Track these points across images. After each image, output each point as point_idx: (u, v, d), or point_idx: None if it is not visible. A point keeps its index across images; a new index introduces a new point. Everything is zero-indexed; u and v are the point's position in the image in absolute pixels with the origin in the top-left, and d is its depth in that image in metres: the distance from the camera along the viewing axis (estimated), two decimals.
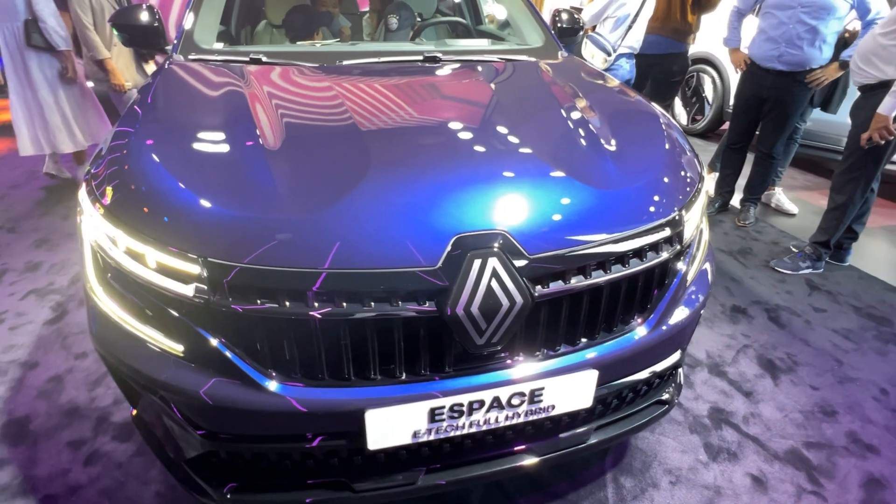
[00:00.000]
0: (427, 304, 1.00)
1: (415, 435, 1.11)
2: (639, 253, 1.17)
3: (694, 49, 4.27)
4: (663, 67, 3.53)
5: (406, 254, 1.00)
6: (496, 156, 1.25)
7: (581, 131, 1.40)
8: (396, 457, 1.18)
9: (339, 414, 1.05)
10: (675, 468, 1.66)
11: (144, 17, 1.98)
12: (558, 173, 1.21)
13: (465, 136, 1.33)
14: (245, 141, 1.23)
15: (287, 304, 0.97)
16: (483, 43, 2.27)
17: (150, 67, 3.80)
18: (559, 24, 2.41)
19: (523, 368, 1.13)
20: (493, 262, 1.01)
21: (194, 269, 0.99)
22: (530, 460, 1.27)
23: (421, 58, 1.89)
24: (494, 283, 1.01)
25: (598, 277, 1.11)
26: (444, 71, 1.83)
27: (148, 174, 1.13)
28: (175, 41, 1.93)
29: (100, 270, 1.18)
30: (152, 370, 1.07)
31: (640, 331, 1.24)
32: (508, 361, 1.13)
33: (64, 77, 3.33)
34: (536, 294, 1.04)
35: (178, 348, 1.06)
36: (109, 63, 3.24)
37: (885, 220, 3.58)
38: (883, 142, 2.40)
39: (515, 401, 1.14)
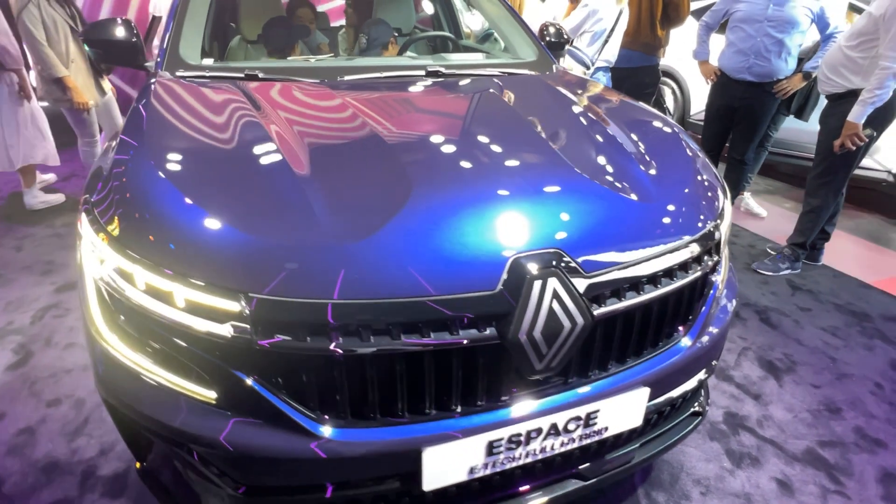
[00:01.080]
0: (488, 331, 0.94)
1: (471, 471, 1.04)
2: (684, 265, 1.15)
3: None
4: (636, 80, 3.63)
5: (464, 278, 0.94)
6: (539, 172, 1.21)
7: (614, 146, 1.38)
8: (446, 495, 1.10)
9: (396, 455, 0.96)
10: (702, 478, 1.65)
11: (121, 31, 1.84)
12: (604, 189, 1.18)
13: (502, 152, 1.28)
14: (273, 165, 1.14)
15: (340, 339, 0.89)
16: (478, 57, 2.25)
17: (106, 84, 3.58)
18: (548, 38, 2.43)
19: (578, 391, 1.08)
20: (553, 283, 0.96)
21: (235, 305, 0.88)
22: (579, 485, 1.22)
23: (423, 72, 1.84)
24: (556, 305, 0.96)
25: (651, 292, 1.08)
26: (458, 86, 1.78)
27: (169, 203, 1.01)
28: (158, 57, 1.80)
29: (107, 310, 1.05)
30: (177, 420, 0.96)
31: (684, 342, 1.22)
32: (563, 385, 1.08)
33: (16, 95, 3.08)
34: (596, 313, 1.00)
35: (210, 395, 0.95)
36: (69, 80, 3.01)
37: (847, 220, 3.79)
38: (854, 148, 2.54)
39: (572, 426, 1.09)
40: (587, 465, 1.22)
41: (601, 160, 1.28)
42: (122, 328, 1.03)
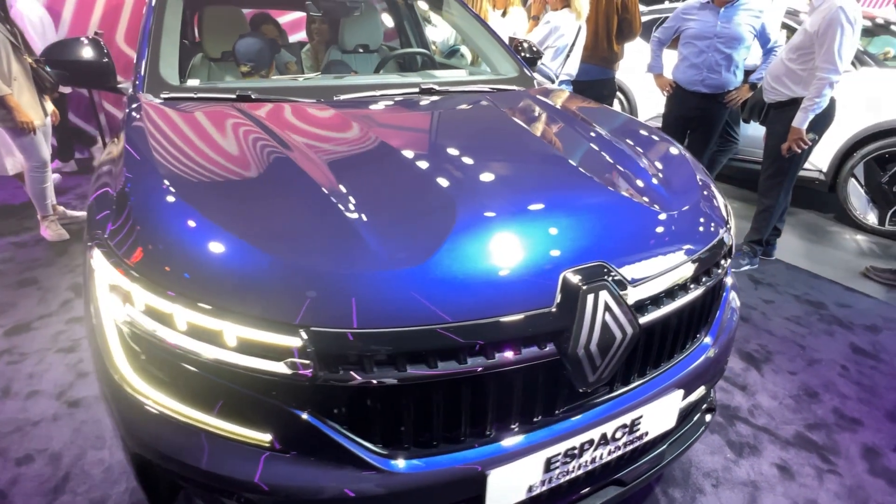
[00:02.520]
0: (547, 348, 0.95)
1: (530, 489, 1.03)
2: (707, 271, 1.21)
3: None
4: (595, 92, 3.79)
5: (520, 298, 0.94)
6: (567, 189, 1.23)
7: (627, 160, 1.42)
8: None
9: (462, 481, 0.94)
10: (711, 471, 1.73)
11: (89, 52, 1.72)
12: (632, 202, 1.21)
13: (526, 169, 1.30)
14: (307, 191, 1.09)
15: (408, 367, 0.86)
16: (462, 73, 2.28)
17: (48, 106, 3.31)
18: (522, 54, 2.50)
19: (623, 400, 1.11)
20: (604, 296, 0.98)
21: (293, 341, 0.84)
22: (618, 491, 1.24)
23: (417, 90, 1.84)
24: (608, 317, 0.98)
25: (683, 298, 1.13)
26: (458, 103, 1.79)
27: (210, 236, 0.94)
28: (135, 79, 1.69)
29: (133, 354, 0.96)
30: (225, 468, 0.89)
31: (706, 342, 1.28)
32: (609, 395, 1.10)
33: None
34: (641, 322, 1.03)
35: (264, 438, 0.89)
36: (11, 100, 2.76)
37: (790, 217, 4.12)
38: (800, 150, 2.78)
39: (619, 434, 1.11)
40: (626, 470, 1.24)
41: (620, 174, 1.32)
42: (152, 373, 0.94)
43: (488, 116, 1.69)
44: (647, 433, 1.17)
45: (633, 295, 1.03)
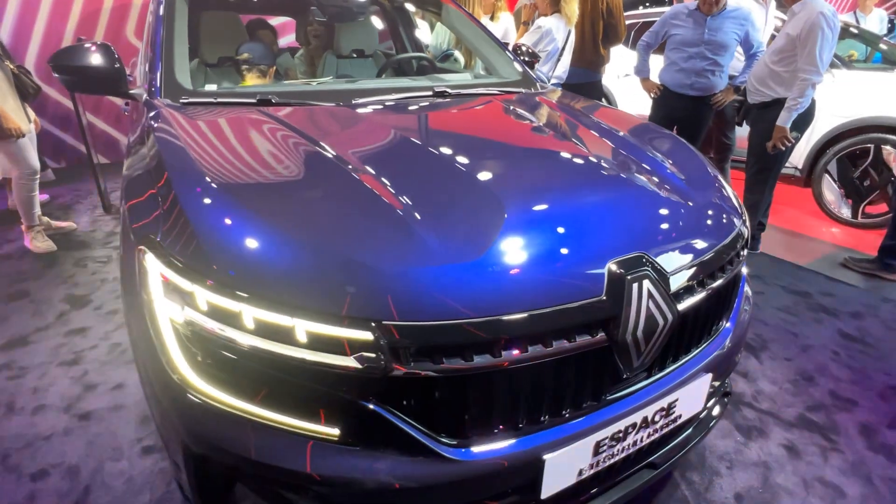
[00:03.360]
0: (598, 335, 0.99)
1: (580, 473, 1.07)
2: (731, 259, 1.28)
3: None
4: (582, 94, 3.89)
5: (571, 288, 0.98)
6: (600, 183, 1.29)
7: (647, 156, 1.48)
8: (558, 502, 1.12)
9: (522, 467, 0.98)
10: (724, 454, 1.80)
11: (99, 58, 1.70)
12: (662, 195, 1.27)
13: (559, 166, 1.35)
14: (359, 191, 1.12)
15: (475, 357, 0.89)
16: (467, 76, 2.33)
17: (31, 113, 3.22)
18: (522, 58, 2.56)
19: (661, 384, 1.16)
20: (647, 285, 1.03)
21: (367, 335, 0.86)
22: (652, 474, 1.30)
23: (431, 93, 1.87)
24: (651, 304, 1.03)
25: (711, 285, 1.19)
26: (476, 105, 1.84)
27: (279, 236, 0.96)
28: (149, 85, 1.67)
29: (191, 355, 0.96)
30: (297, 463, 0.90)
31: (728, 327, 1.35)
32: (649, 380, 1.15)
33: None
34: (679, 308, 1.09)
35: (332, 431, 0.91)
36: None
37: (772, 212, 4.30)
38: (784, 148, 2.92)
39: (657, 417, 1.16)
40: (658, 453, 1.29)
41: (646, 171, 1.38)
42: (213, 372, 0.95)
43: (510, 117, 1.74)
44: (680, 416, 1.22)
45: (672, 283, 1.08)
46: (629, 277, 1.01)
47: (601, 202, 1.20)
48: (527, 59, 2.60)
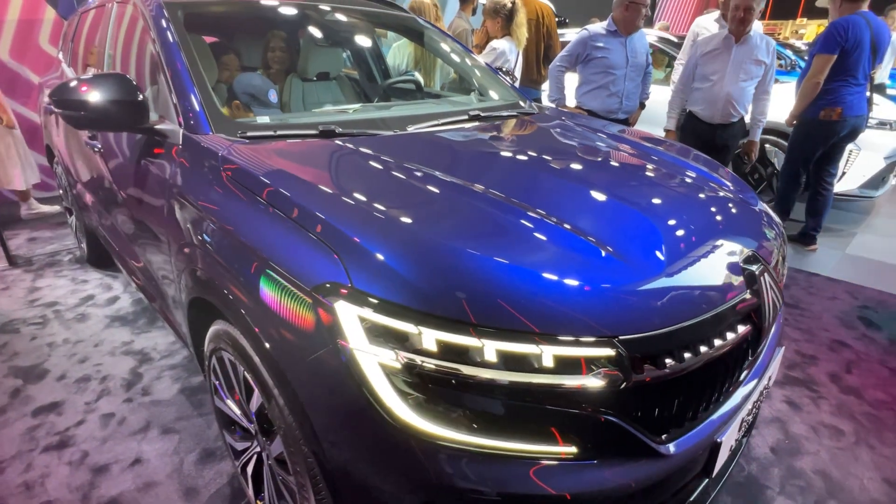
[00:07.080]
0: (748, 325, 1.15)
1: (731, 449, 1.22)
2: (781, 249, 1.53)
3: None
4: None
5: (727, 286, 1.13)
6: (695, 189, 1.47)
7: (689, 168, 1.68)
8: (719, 478, 1.26)
9: (708, 451, 1.10)
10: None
11: (116, 90, 1.50)
12: (736, 201, 1.48)
13: (644, 183, 1.50)
14: (513, 215, 1.15)
15: (685, 357, 1.00)
16: (472, 98, 2.41)
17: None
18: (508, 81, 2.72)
19: (763, 360, 1.36)
20: (767, 277, 1.22)
21: (606, 352, 0.92)
22: (735, 441, 1.49)
23: (466, 116, 1.93)
24: (771, 293, 1.22)
25: (783, 271, 1.43)
26: (524, 127, 1.94)
27: (485, 267, 0.97)
28: (190, 120, 1.52)
29: (401, 394, 0.93)
30: (550, 486, 0.92)
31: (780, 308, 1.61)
32: (759, 359, 1.34)
33: None
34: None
35: (570, 450, 0.94)
36: None
37: None
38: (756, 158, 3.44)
39: (762, 388, 1.35)
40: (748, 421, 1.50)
41: (707, 181, 1.59)
42: (436, 411, 0.93)
43: (571, 136, 1.87)
44: (769, 385, 1.44)
45: (772, 273, 1.28)
46: (758, 272, 1.19)
47: (712, 213, 1.37)
48: (509, 81, 2.76)
